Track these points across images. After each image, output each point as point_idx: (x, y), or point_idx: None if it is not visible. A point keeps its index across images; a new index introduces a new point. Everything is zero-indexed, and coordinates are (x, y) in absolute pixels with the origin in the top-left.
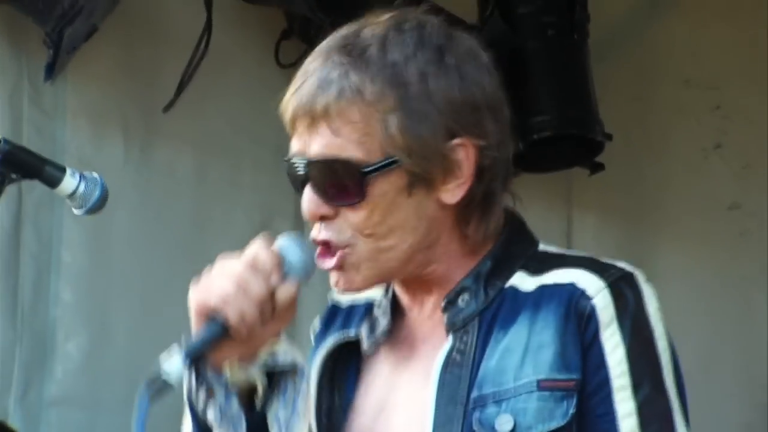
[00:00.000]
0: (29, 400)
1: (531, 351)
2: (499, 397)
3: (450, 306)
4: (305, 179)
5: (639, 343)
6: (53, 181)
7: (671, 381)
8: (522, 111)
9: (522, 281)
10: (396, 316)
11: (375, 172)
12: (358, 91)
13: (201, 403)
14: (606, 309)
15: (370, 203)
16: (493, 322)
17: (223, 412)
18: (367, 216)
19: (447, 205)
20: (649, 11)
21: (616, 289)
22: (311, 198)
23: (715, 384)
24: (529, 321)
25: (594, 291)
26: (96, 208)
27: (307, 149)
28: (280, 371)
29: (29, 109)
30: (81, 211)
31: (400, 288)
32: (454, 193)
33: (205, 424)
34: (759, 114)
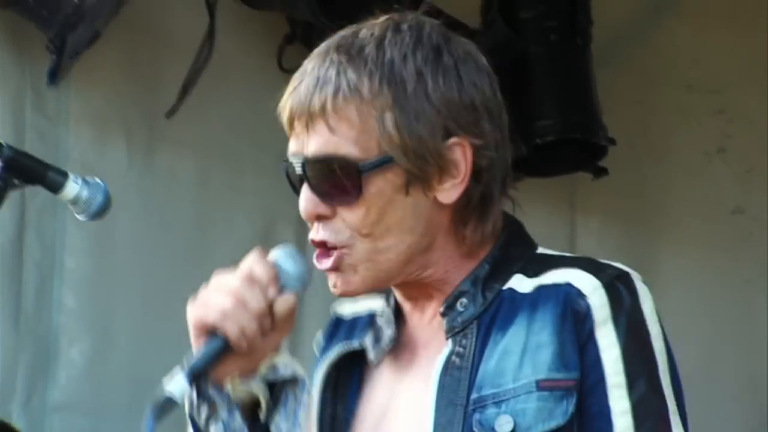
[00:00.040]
0: (33, 405)
1: (529, 351)
2: (499, 399)
3: (449, 311)
4: (303, 179)
5: (635, 342)
6: (56, 187)
7: (667, 381)
8: (525, 115)
9: (520, 283)
10: (398, 324)
11: (371, 169)
12: (355, 89)
13: (203, 420)
14: (601, 308)
15: (366, 202)
16: (492, 324)
17: (227, 426)
18: (364, 215)
19: (444, 206)
20: (652, 16)
21: (611, 289)
22: (308, 197)
23: (717, 386)
24: (527, 322)
25: (590, 290)
26: (99, 213)
27: (305, 148)
28: (281, 383)
29: (32, 115)
30: (84, 217)
31: (400, 296)
32: (450, 193)
33: None
34: (762, 117)
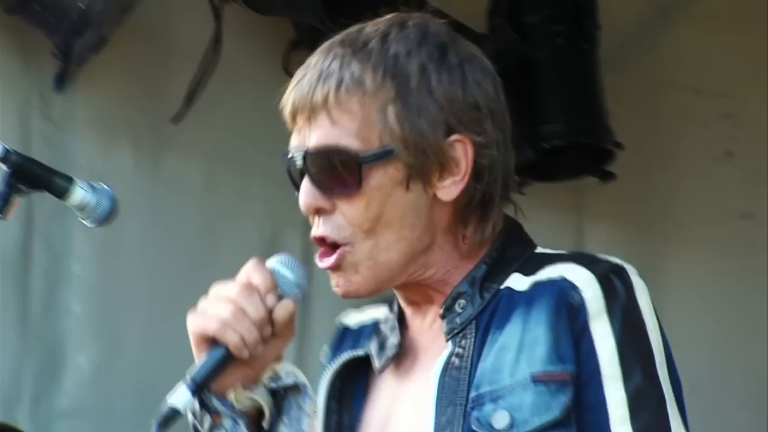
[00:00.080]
0: (39, 412)
1: (525, 347)
2: (496, 395)
3: (448, 312)
4: (303, 172)
5: (630, 334)
6: (62, 193)
7: (664, 373)
8: (532, 120)
9: (517, 282)
10: (401, 330)
11: (372, 161)
12: (358, 81)
13: (207, 430)
14: (595, 300)
15: (366, 195)
16: (490, 323)
17: None
18: (364, 209)
19: (444, 204)
20: (659, 20)
21: (605, 281)
22: (308, 190)
23: (725, 392)
24: (523, 318)
25: (583, 283)
26: (106, 219)
27: (306, 141)
28: (284, 392)
29: (38, 121)
30: (91, 223)
31: (402, 301)
32: (450, 190)
33: None
34: None
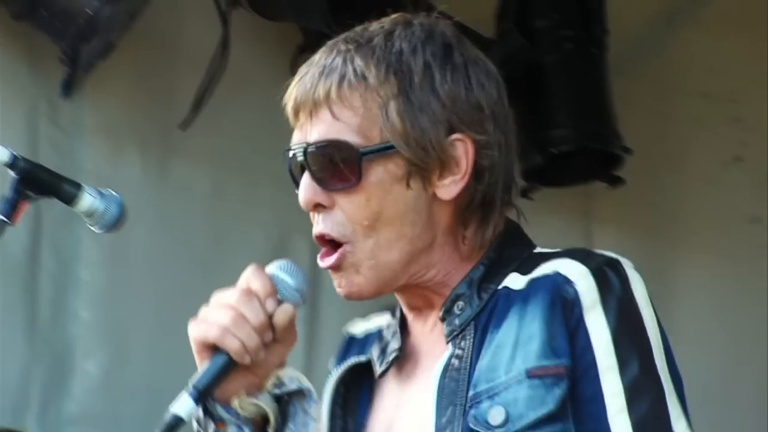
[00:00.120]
0: (48, 418)
1: (521, 343)
2: (493, 392)
3: (447, 315)
4: (303, 166)
5: (625, 325)
6: (71, 199)
7: (662, 364)
8: (540, 125)
9: (515, 281)
10: (403, 336)
11: (372, 156)
12: (360, 76)
13: None
14: (589, 292)
15: (366, 190)
16: (488, 323)
17: None
18: (364, 204)
19: (445, 204)
20: (668, 25)
21: (599, 273)
22: (308, 184)
23: (735, 396)
24: (519, 315)
25: (577, 276)
26: (114, 225)
27: (308, 137)
28: (288, 397)
29: (46, 127)
30: (99, 229)
31: (405, 306)
32: (450, 189)
33: None
34: None
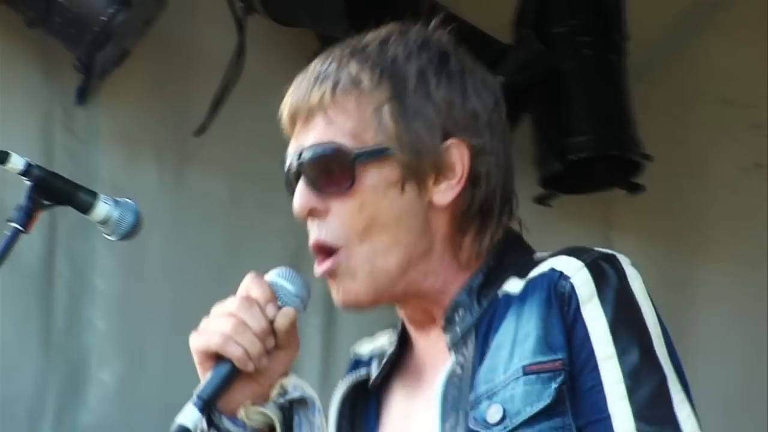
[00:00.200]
0: (63, 428)
1: (518, 342)
2: (492, 392)
3: (448, 324)
4: (298, 172)
5: (623, 315)
6: (86, 207)
7: (664, 354)
8: (559, 132)
9: (513, 285)
10: (407, 350)
11: (366, 159)
12: (354, 81)
13: None
14: (585, 285)
15: (360, 195)
16: (489, 329)
17: None
18: (358, 210)
19: (441, 210)
20: (687, 30)
21: (595, 267)
22: (302, 191)
23: (756, 405)
24: (516, 315)
25: (572, 270)
26: (130, 233)
27: (304, 143)
28: (290, 405)
29: (61, 134)
30: (114, 237)
31: (406, 320)
32: (445, 194)
33: None
34: None
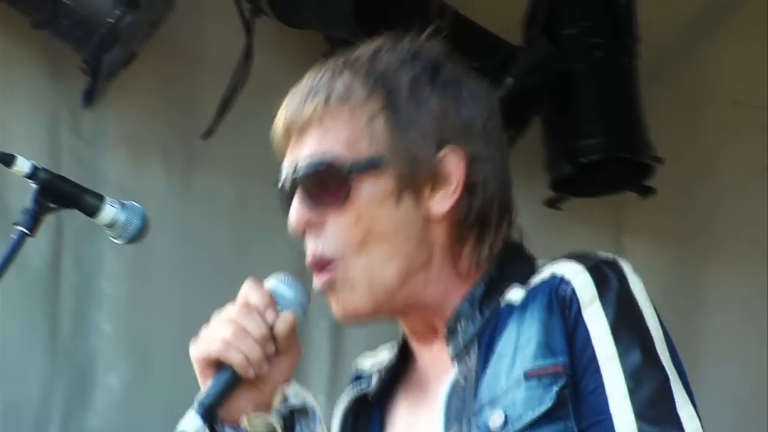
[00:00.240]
0: None
1: (520, 348)
2: (495, 400)
3: (451, 335)
4: (293, 189)
5: (624, 316)
6: (92, 211)
7: (665, 355)
8: (570, 134)
9: (515, 294)
10: (409, 363)
11: (361, 171)
12: (346, 92)
13: None
14: (586, 289)
15: (356, 207)
16: (492, 338)
17: None
18: (355, 221)
19: (439, 220)
20: (698, 32)
21: (596, 271)
22: (298, 206)
23: None
24: (518, 323)
25: (572, 275)
26: (136, 237)
27: (299, 157)
28: (291, 414)
29: (68, 137)
30: (121, 241)
31: (408, 332)
32: (442, 204)
33: None
34: None
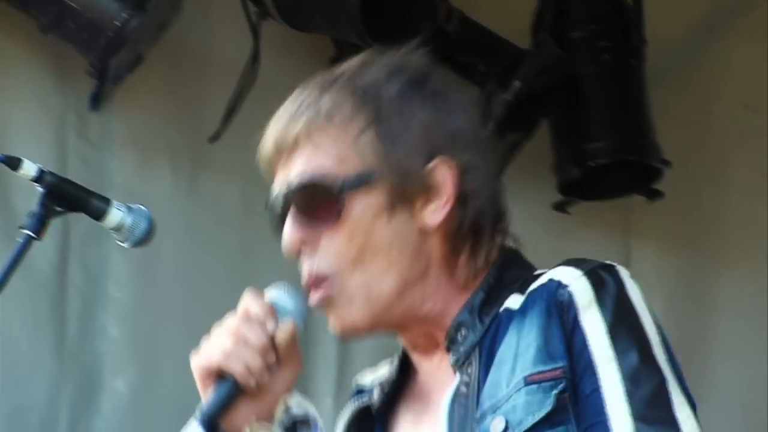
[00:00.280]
0: None
1: (520, 355)
2: (496, 407)
3: (452, 344)
4: (285, 210)
5: (622, 319)
6: (99, 214)
7: (663, 357)
8: (577, 138)
9: (514, 301)
10: (410, 377)
11: (353, 187)
12: (333, 110)
13: None
14: (584, 293)
15: (350, 224)
16: (492, 345)
17: None
18: (349, 238)
19: (433, 232)
20: (707, 35)
21: (594, 275)
22: (291, 226)
23: None
24: (518, 329)
25: (570, 279)
26: (143, 240)
27: (288, 178)
28: (296, 426)
29: (75, 140)
30: (128, 244)
31: (408, 345)
32: (435, 215)
33: None
34: None
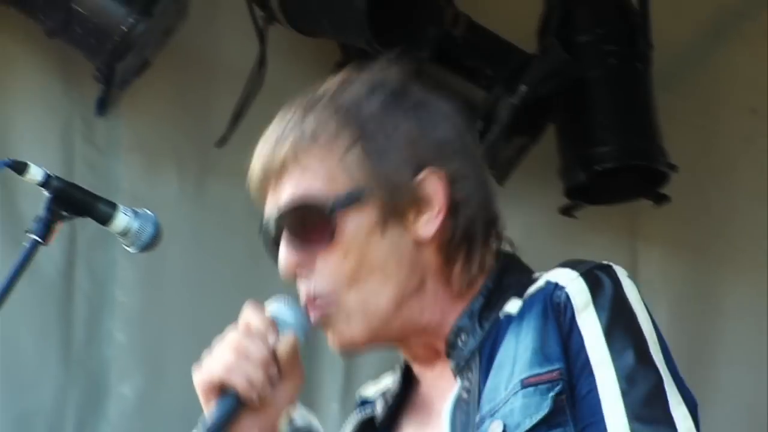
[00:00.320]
0: None
1: (518, 358)
2: (494, 410)
3: (452, 350)
4: (278, 234)
5: (618, 319)
6: (105, 219)
7: (659, 357)
8: (584, 142)
9: (513, 305)
10: (412, 389)
11: (343, 206)
12: (317, 130)
13: None
14: (580, 294)
15: (343, 244)
16: (492, 350)
17: None
18: (344, 258)
19: (427, 244)
20: (713, 39)
21: (590, 276)
22: (286, 250)
23: None
24: (516, 333)
25: (567, 281)
26: (149, 245)
27: (279, 203)
28: None
29: (81, 145)
30: (134, 249)
31: (409, 358)
32: (427, 227)
33: None
34: None
